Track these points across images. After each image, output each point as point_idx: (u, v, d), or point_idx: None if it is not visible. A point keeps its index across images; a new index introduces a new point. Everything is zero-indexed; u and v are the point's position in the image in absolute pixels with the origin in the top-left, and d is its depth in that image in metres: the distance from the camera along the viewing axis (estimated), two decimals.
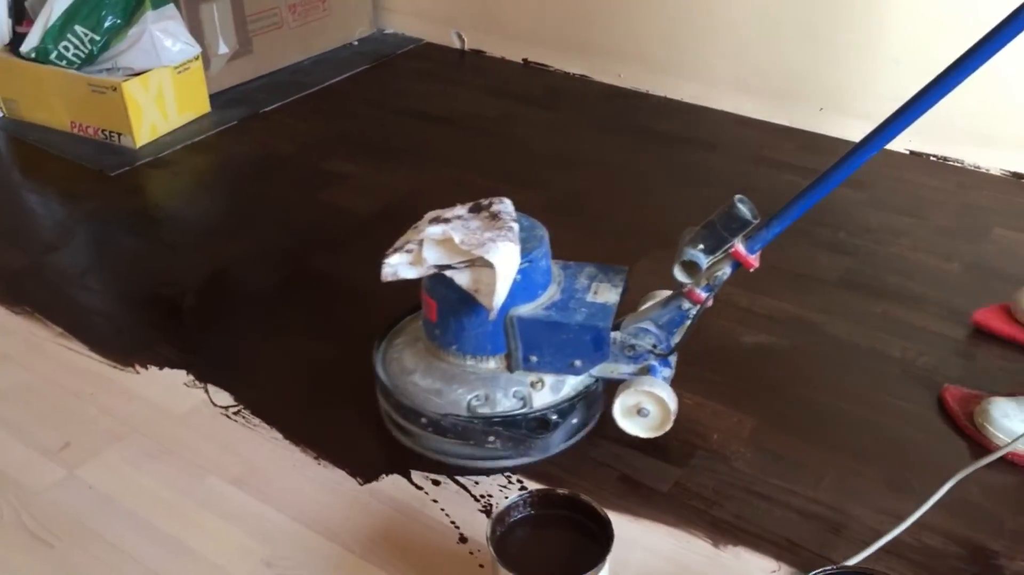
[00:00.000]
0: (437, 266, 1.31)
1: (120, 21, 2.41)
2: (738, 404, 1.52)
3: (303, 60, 2.93)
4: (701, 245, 1.30)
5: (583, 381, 1.42)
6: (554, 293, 1.40)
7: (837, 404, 1.54)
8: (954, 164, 2.28)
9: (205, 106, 2.58)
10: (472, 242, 1.30)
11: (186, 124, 2.52)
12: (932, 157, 2.30)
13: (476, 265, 1.29)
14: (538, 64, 2.87)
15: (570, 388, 1.41)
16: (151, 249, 2.03)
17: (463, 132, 2.50)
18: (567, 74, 2.82)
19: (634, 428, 1.41)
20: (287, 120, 2.59)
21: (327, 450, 1.46)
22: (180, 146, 2.43)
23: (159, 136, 2.45)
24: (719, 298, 1.38)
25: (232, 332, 1.74)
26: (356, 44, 3.08)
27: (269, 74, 2.83)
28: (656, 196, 2.18)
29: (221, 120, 2.56)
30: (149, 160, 2.36)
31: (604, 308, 1.37)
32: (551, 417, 1.39)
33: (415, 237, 1.34)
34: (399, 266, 1.32)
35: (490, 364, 1.41)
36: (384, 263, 1.32)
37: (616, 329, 1.38)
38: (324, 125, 2.56)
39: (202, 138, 2.47)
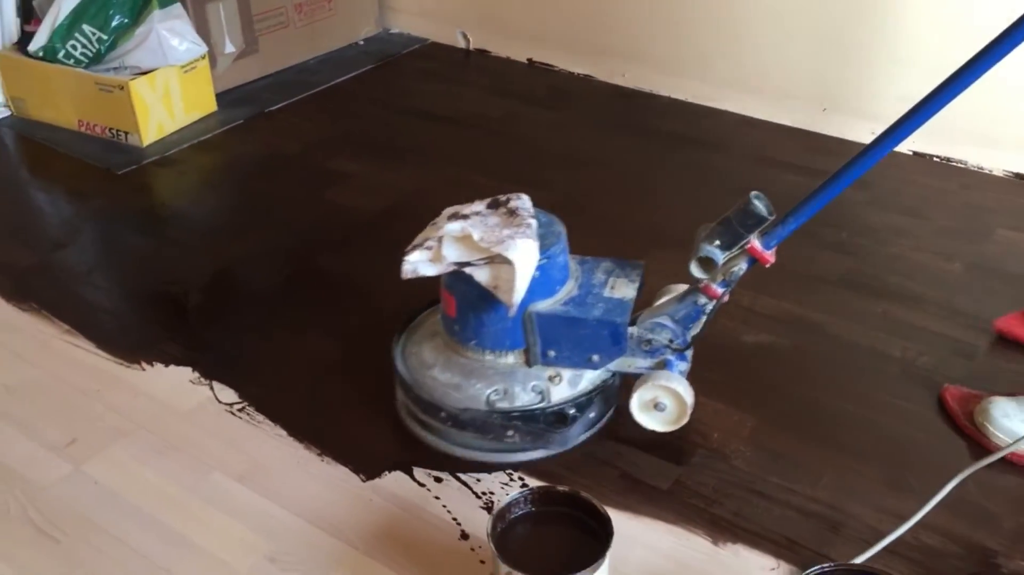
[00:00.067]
0: (457, 263, 1.32)
1: (127, 20, 2.42)
2: (738, 403, 1.53)
3: (309, 59, 2.94)
4: (717, 241, 1.32)
5: (600, 375, 1.44)
6: (572, 288, 1.42)
7: (837, 403, 1.55)
8: (957, 165, 2.28)
9: (211, 105, 2.59)
10: (491, 239, 1.31)
11: (192, 123, 2.53)
12: (935, 158, 2.31)
13: (495, 262, 1.30)
14: (543, 64, 2.88)
15: (587, 382, 1.43)
16: (157, 247, 2.05)
17: (468, 132, 2.51)
18: (572, 74, 2.82)
19: (651, 422, 1.43)
20: (293, 119, 2.60)
21: (330, 447, 1.47)
22: (186, 145, 2.44)
23: (166, 135, 2.47)
24: None
25: (237, 330, 1.76)
26: (362, 44, 3.09)
27: (275, 73, 2.84)
28: (660, 196, 2.19)
29: (227, 119, 2.57)
30: (156, 159, 2.38)
31: (621, 303, 1.39)
32: (569, 411, 1.40)
33: (434, 234, 1.35)
34: (419, 263, 1.33)
35: (509, 359, 1.43)
36: (404, 260, 1.33)
37: (633, 324, 1.40)
38: (329, 124, 2.57)
39: (208, 137, 2.49)
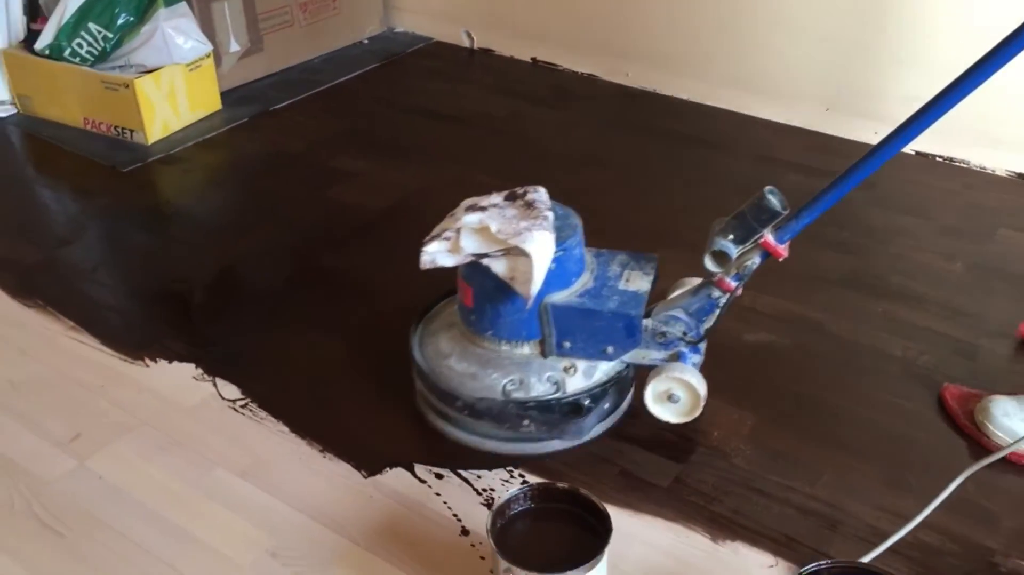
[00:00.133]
0: (474, 254, 1.34)
1: (133, 19, 2.43)
2: (739, 402, 1.54)
3: (313, 58, 2.95)
4: (731, 235, 1.33)
5: (615, 367, 1.45)
6: (587, 281, 1.44)
7: (837, 402, 1.55)
8: (960, 165, 2.28)
9: (216, 103, 2.60)
10: (508, 231, 1.32)
11: (197, 121, 2.54)
12: (938, 158, 2.31)
13: (513, 254, 1.32)
14: (547, 63, 2.89)
15: (602, 373, 1.44)
16: (162, 245, 2.06)
17: (472, 131, 2.52)
18: (575, 73, 2.83)
19: (665, 414, 1.44)
20: (297, 118, 2.61)
21: (332, 443, 1.48)
22: (191, 143, 2.45)
23: (171, 133, 2.48)
24: None
25: (240, 327, 1.77)
26: (366, 42, 3.10)
27: (280, 72, 2.85)
28: (663, 195, 2.20)
29: (232, 117, 2.58)
30: (160, 157, 2.39)
31: (636, 296, 1.40)
32: (584, 402, 1.41)
33: (452, 225, 1.36)
34: (437, 254, 1.34)
35: (524, 349, 1.44)
36: (422, 251, 1.34)
37: (647, 316, 1.41)
38: (334, 123, 2.58)
39: (213, 135, 2.50)
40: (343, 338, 1.72)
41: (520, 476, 1.41)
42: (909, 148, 2.31)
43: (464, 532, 1.32)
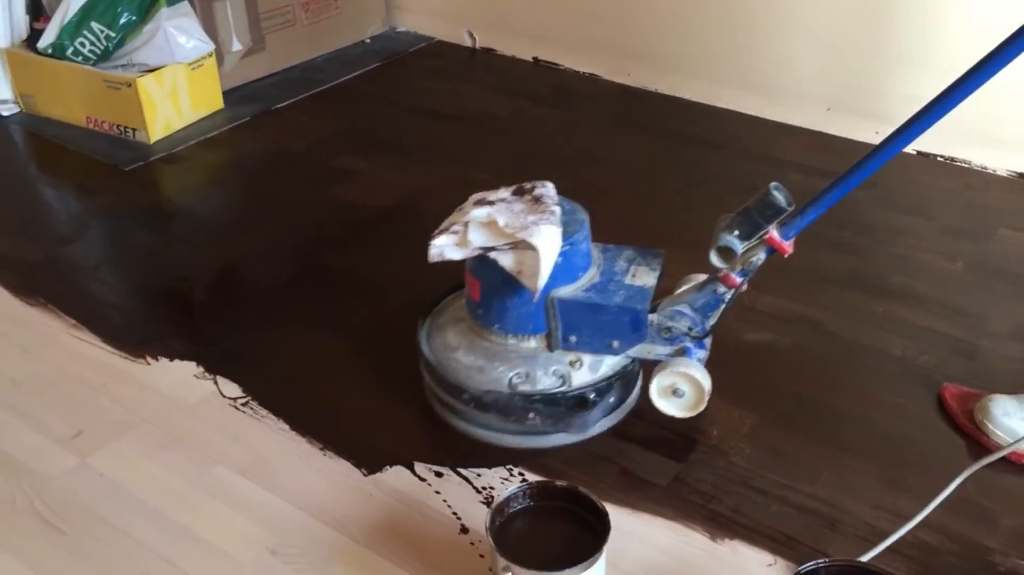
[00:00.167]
0: (482, 248, 1.35)
1: (135, 18, 2.44)
2: (739, 401, 1.54)
3: (315, 57, 2.95)
4: (736, 231, 1.33)
5: (620, 361, 1.46)
6: (594, 275, 1.44)
7: (837, 402, 1.55)
8: (961, 165, 2.28)
9: (218, 102, 2.61)
10: (516, 225, 1.33)
11: (199, 120, 2.55)
12: (940, 158, 2.31)
13: (520, 248, 1.33)
14: (548, 63, 2.89)
15: (608, 368, 1.45)
16: (164, 243, 2.06)
17: (473, 130, 2.52)
18: (577, 73, 2.83)
19: (669, 408, 1.44)
20: (299, 117, 2.62)
21: (332, 441, 1.48)
22: (193, 142, 2.46)
23: (173, 132, 2.48)
24: None
25: (241, 326, 1.77)
26: (368, 42, 3.10)
27: (282, 71, 2.85)
28: (664, 195, 2.20)
29: (234, 116, 2.58)
30: (163, 155, 2.39)
31: (642, 291, 1.41)
32: (589, 395, 1.42)
33: (460, 219, 1.37)
34: (445, 247, 1.35)
35: (531, 343, 1.45)
36: (431, 244, 1.35)
37: (653, 311, 1.41)
38: (335, 122, 2.58)
39: (215, 134, 2.50)
40: (343, 337, 1.72)
41: (520, 475, 1.41)
42: (910, 148, 2.31)
43: (463, 530, 1.32)
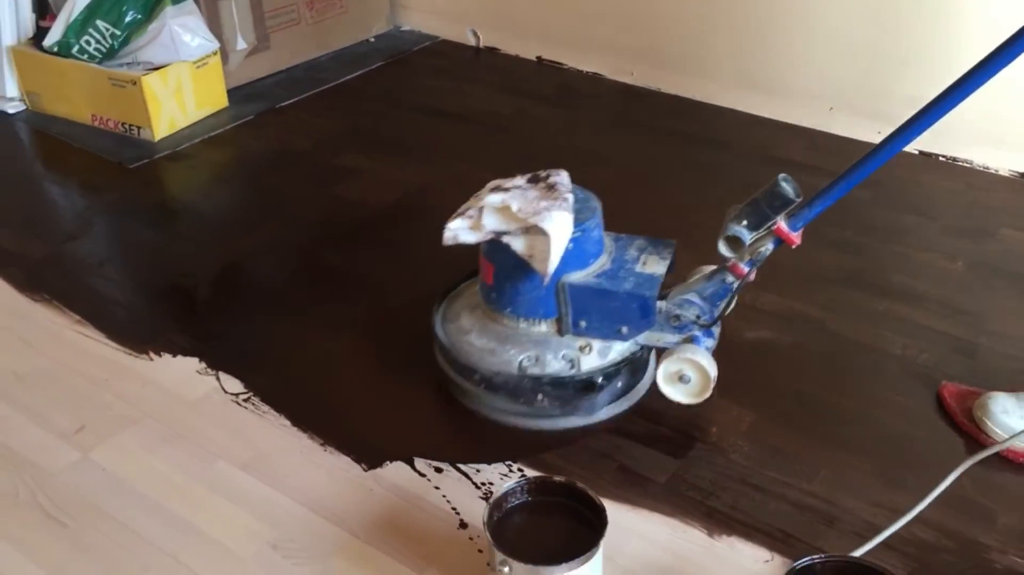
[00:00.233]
0: (495, 232, 1.37)
1: (140, 16, 2.45)
2: (738, 399, 1.55)
3: (320, 56, 2.96)
4: (745, 221, 1.35)
5: (629, 347, 1.48)
6: (605, 262, 1.47)
7: (836, 400, 1.56)
8: (963, 164, 2.28)
9: (223, 101, 2.62)
10: (528, 210, 1.35)
11: (204, 118, 2.56)
12: (941, 157, 2.31)
13: (531, 232, 1.35)
14: (552, 62, 2.89)
15: (616, 353, 1.47)
16: (168, 240, 2.07)
17: (477, 129, 2.53)
18: (580, 72, 2.84)
19: (676, 394, 1.46)
20: (303, 115, 2.63)
21: (333, 437, 1.49)
22: (198, 140, 2.47)
23: (177, 130, 2.49)
24: None
25: (244, 322, 1.78)
26: (373, 41, 3.11)
27: (286, 70, 2.86)
28: (666, 194, 2.20)
29: (238, 115, 2.59)
30: (167, 153, 2.41)
31: (651, 278, 1.42)
32: (597, 380, 1.44)
33: (475, 204, 1.39)
34: (459, 230, 1.38)
35: (542, 327, 1.47)
36: (446, 227, 1.38)
37: (663, 299, 1.43)
38: (339, 121, 2.59)
39: (219, 132, 2.51)
40: (345, 333, 1.73)
41: (519, 471, 1.42)
42: (912, 147, 2.32)
43: (462, 525, 1.33)
